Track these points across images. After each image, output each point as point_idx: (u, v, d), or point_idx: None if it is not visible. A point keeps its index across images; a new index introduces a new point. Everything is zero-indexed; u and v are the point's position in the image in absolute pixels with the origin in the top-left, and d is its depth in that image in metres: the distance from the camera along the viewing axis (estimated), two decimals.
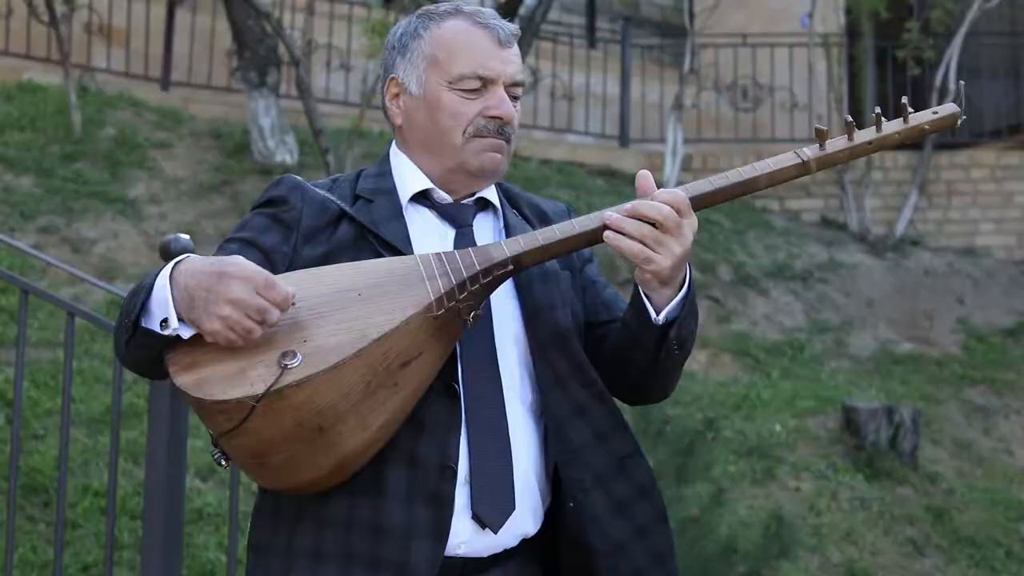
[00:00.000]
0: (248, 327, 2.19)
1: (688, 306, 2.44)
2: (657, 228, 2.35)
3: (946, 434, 9.74)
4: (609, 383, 2.58)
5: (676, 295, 2.43)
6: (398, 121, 2.62)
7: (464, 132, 2.53)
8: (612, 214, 2.38)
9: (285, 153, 10.86)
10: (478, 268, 2.35)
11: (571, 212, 2.74)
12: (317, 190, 2.57)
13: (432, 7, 2.65)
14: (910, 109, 2.52)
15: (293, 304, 2.24)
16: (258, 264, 2.33)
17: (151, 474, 4.45)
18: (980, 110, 14.86)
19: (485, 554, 2.42)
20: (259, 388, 2.17)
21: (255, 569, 2.46)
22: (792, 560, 7.00)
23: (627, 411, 6.19)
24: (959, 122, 2.55)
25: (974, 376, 10.78)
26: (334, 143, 10.13)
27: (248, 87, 10.97)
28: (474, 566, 2.42)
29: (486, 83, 2.54)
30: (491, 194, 2.64)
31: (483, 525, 2.38)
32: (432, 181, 2.58)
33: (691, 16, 14.00)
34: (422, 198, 2.58)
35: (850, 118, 2.51)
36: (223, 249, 2.49)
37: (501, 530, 2.40)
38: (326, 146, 9.76)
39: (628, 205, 2.38)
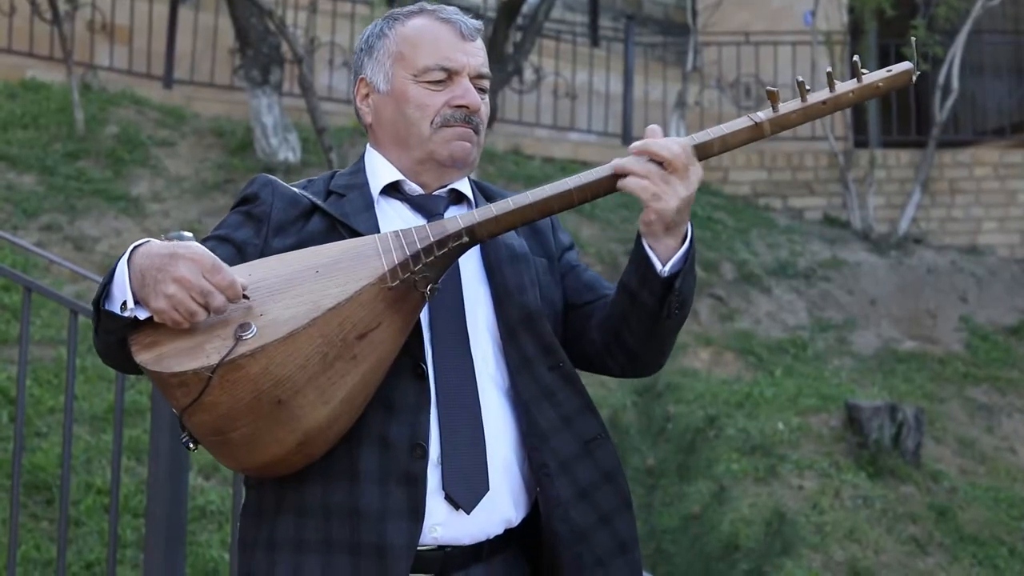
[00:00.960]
0: (191, 308, 2.23)
1: (690, 260, 2.46)
2: (665, 168, 2.40)
3: (949, 432, 9.74)
4: (601, 357, 2.62)
5: (679, 248, 2.45)
6: (368, 120, 2.68)
7: (432, 123, 2.58)
8: (620, 160, 2.43)
9: (288, 151, 10.87)
10: (432, 240, 2.38)
11: None
12: (289, 186, 2.63)
13: (398, 9, 2.71)
14: (863, 69, 2.50)
15: (246, 297, 2.28)
16: (230, 257, 2.41)
17: (154, 472, 4.45)
18: (983, 108, 14.87)
19: (466, 541, 2.42)
20: (214, 359, 2.20)
21: (243, 566, 2.49)
22: (795, 558, 7.00)
23: (628, 410, 6.20)
24: (914, 78, 2.52)
25: (977, 374, 10.78)
26: (337, 141, 10.13)
27: (251, 85, 10.97)
28: (456, 559, 2.42)
29: (451, 74, 2.59)
30: (464, 186, 2.68)
31: (456, 505, 2.39)
32: (403, 174, 2.63)
33: (694, 14, 14.01)
34: (393, 191, 2.63)
35: (801, 79, 2.50)
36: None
37: (479, 512, 2.41)
38: (329, 144, 9.75)
39: (637, 143, 2.44)
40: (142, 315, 2.28)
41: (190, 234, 2.38)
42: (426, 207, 2.61)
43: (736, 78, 14.43)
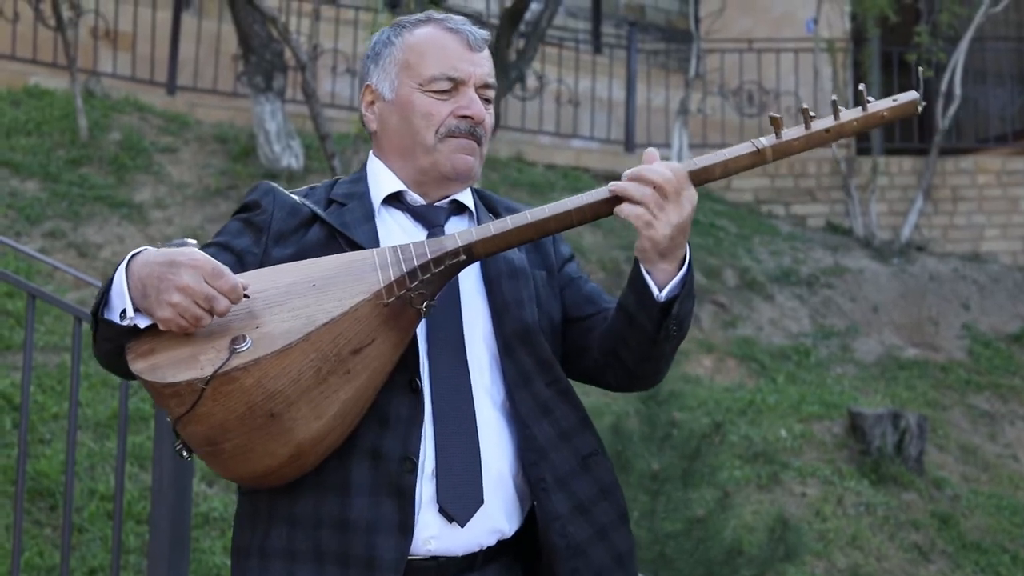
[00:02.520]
0: (197, 314, 2.24)
1: (687, 285, 2.45)
2: (657, 193, 2.39)
3: (952, 440, 9.73)
4: (601, 372, 2.62)
5: (676, 273, 2.44)
6: (373, 127, 2.69)
7: (436, 132, 2.59)
8: (617, 183, 2.43)
9: (291, 157, 10.87)
10: (429, 257, 2.38)
11: None
12: (290, 194, 2.63)
13: (405, 17, 2.72)
14: (869, 97, 2.51)
15: (246, 296, 2.29)
16: (230, 265, 2.41)
17: (158, 478, 4.45)
18: (986, 115, 14.87)
19: (459, 552, 2.43)
20: (208, 370, 2.21)
21: (235, 571, 2.50)
22: (797, 565, 7.00)
23: (631, 416, 6.20)
24: (919, 109, 2.53)
25: (980, 382, 10.77)
26: (340, 147, 10.14)
27: (254, 92, 10.97)
28: (449, 569, 2.43)
29: (457, 84, 2.60)
30: (466, 197, 2.69)
31: (450, 518, 2.40)
32: (406, 184, 2.63)
33: (696, 21, 14.02)
34: (395, 201, 2.64)
35: (806, 106, 2.49)
36: None
37: (472, 525, 2.42)
38: (332, 150, 9.76)
39: (631, 170, 2.43)
40: (142, 323, 2.29)
41: (193, 241, 2.39)
42: (427, 217, 2.62)
43: (739, 85, 14.44)
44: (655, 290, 2.42)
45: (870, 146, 14.48)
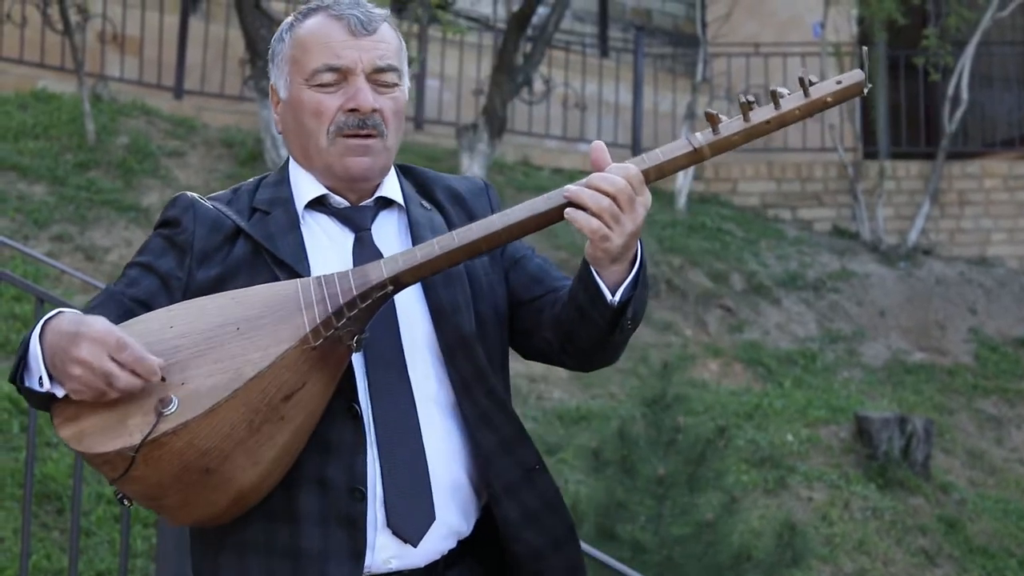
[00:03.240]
0: (99, 389, 2.17)
1: (641, 283, 2.34)
2: (614, 203, 2.25)
3: (958, 444, 9.73)
4: (556, 354, 2.52)
5: (628, 273, 2.32)
6: (278, 128, 2.59)
7: (327, 132, 2.46)
8: (572, 187, 2.30)
9: None
10: (355, 293, 2.28)
11: (488, 188, 2.68)
12: (212, 205, 2.52)
13: (301, 8, 2.57)
14: (811, 79, 2.36)
15: (162, 379, 2.20)
16: (155, 290, 2.37)
17: None
18: (993, 119, 14.86)
19: (422, 564, 2.39)
20: (136, 438, 2.15)
21: None
22: (804, 570, 6.99)
23: (637, 420, 6.20)
24: (865, 90, 2.37)
25: (986, 386, 10.77)
26: None
27: (261, 96, 10.97)
28: None
29: (344, 74, 2.45)
30: (393, 190, 2.56)
31: (404, 539, 2.35)
32: (324, 187, 2.51)
33: (703, 25, 14.02)
34: (319, 204, 2.51)
35: (745, 98, 2.36)
36: (124, 275, 2.48)
37: (429, 537, 2.38)
38: None
39: (583, 180, 2.30)
40: (59, 392, 2.23)
41: (69, 310, 2.34)
42: (353, 220, 2.50)
43: (746, 89, 14.40)
44: (608, 295, 2.31)
45: (877, 150, 14.47)
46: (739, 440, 8.63)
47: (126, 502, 2.32)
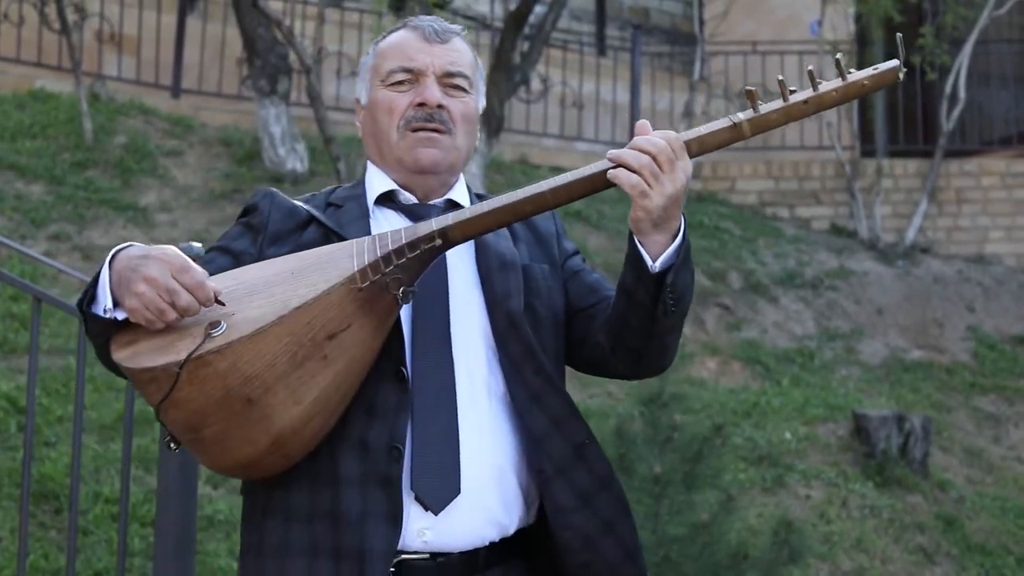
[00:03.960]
0: (160, 307, 2.27)
1: (683, 255, 2.44)
2: (654, 162, 2.38)
3: (956, 442, 9.73)
4: (608, 359, 2.62)
5: (670, 244, 2.43)
6: (360, 134, 2.78)
7: (397, 127, 2.65)
8: (615, 150, 2.42)
9: (296, 161, 10.89)
10: (404, 242, 2.40)
11: (556, 217, 2.82)
12: (289, 199, 2.70)
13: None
14: (850, 69, 2.46)
15: (219, 303, 2.32)
16: (228, 266, 2.51)
17: (163, 481, 4.46)
18: (990, 118, 14.87)
19: (457, 548, 2.44)
20: (183, 355, 2.24)
21: (240, 570, 2.54)
22: (802, 568, 7.00)
23: (635, 419, 6.20)
24: (901, 76, 2.47)
25: (984, 384, 10.77)
26: (345, 151, 10.15)
27: (259, 95, 10.99)
28: (450, 569, 2.44)
29: (416, 75, 2.67)
30: (461, 195, 2.74)
31: (425, 506, 2.41)
32: (396, 184, 2.68)
33: (701, 24, 14.03)
34: (388, 200, 2.69)
35: (781, 77, 2.48)
36: (202, 258, 2.62)
37: (466, 516, 2.43)
38: (337, 154, 9.78)
39: (631, 142, 2.43)
40: (120, 316, 2.33)
41: (199, 244, 2.44)
42: (419, 216, 2.63)
43: (743, 87, 14.41)
44: (649, 261, 2.42)
45: (874, 148, 14.49)
46: (737, 438, 8.63)
47: (172, 445, 2.41)
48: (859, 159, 13.61)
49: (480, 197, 2.77)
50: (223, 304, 2.32)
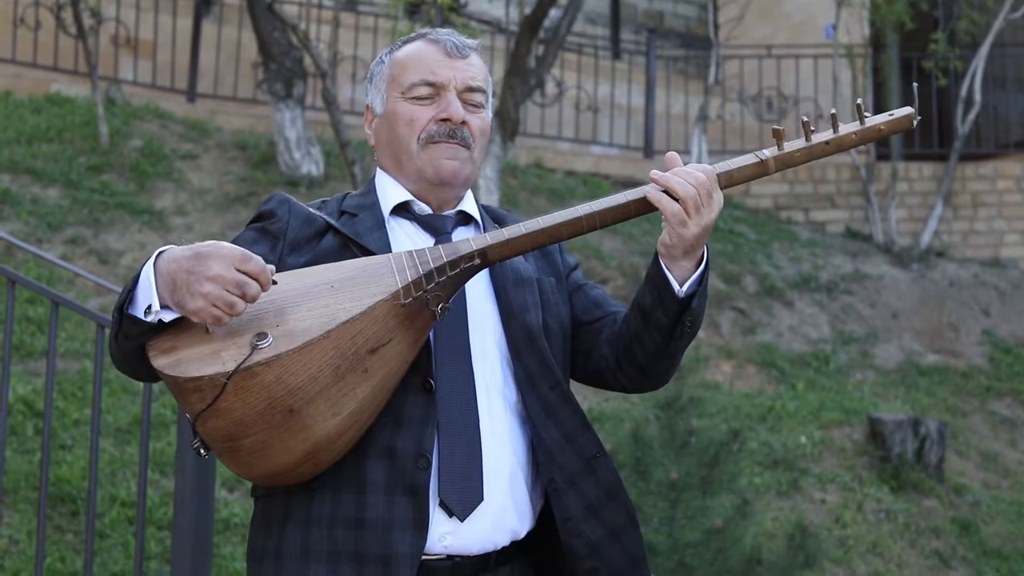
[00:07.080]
0: (230, 301, 2.29)
1: (704, 283, 2.54)
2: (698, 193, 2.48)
3: (972, 446, 9.71)
4: (612, 372, 2.70)
5: (694, 271, 2.53)
6: (372, 142, 2.80)
7: (418, 139, 2.69)
8: (659, 173, 2.51)
9: (311, 165, 10.90)
10: (445, 260, 2.45)
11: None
12: (304, 205, 2.71)
13: (400, 39, 2.84)
14: (866, 112, 2.61)
15: (274, 283, 2.35)
16: None
17: (180, 484, 4.47)
18: (1006, 121, 14.83)
19: (474, 551, 2.49)
20: (230, 366, 2.26)
21: (252, 574, 2.55)
22: (818, 572, 6.99)
23: (650, 423, 6.20)
24: (914, 123, 2.64)
25: (1000, 388, 10.74)
26: (360, 155, 10.16)
27: (274, 99, 11.01)
28: (464, 569, 2.49)
29: (438, 89, 2.70)
30: (471, 207, 2.78)
31: (450, 512, 2.45)
32: (411, 194, 2.72)
33: (716, 27, 14.01)
34: (403, 211, 2.72)
35: (806, 118, 2.59)
36: None
37: (485, 523, 2.48)
38: (352, 158, 9.78)
39: (671, 170, 2.51)
40: (167, 317, 2.34)
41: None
42: (434, 226, 2.69)
43: (758, 91, 14.42)
44: (676, 286, 2.51)
45: (889, 152, 14.45)
46: (752, 442, 8.62)
47: (202, 451, 2.42)
48: (874, 163, 13.58)
49: (486, 209, 2.83)
50: (276, 282, 2.35)
